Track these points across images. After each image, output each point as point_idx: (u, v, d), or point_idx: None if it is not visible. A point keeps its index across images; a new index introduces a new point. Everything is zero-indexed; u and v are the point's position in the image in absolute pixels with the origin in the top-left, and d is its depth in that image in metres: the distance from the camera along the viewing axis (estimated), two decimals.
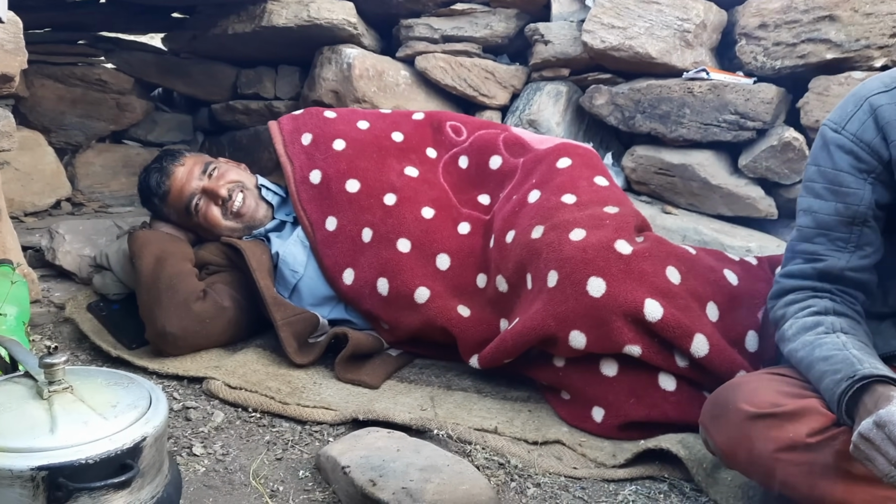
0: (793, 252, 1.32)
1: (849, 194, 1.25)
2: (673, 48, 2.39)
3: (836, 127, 1.27)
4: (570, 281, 1.52)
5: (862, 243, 1.26)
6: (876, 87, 1.26)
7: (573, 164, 1.86)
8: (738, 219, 2.44)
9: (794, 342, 1.22)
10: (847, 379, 1.08)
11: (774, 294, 1.33)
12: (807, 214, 1.29)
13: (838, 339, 1.17)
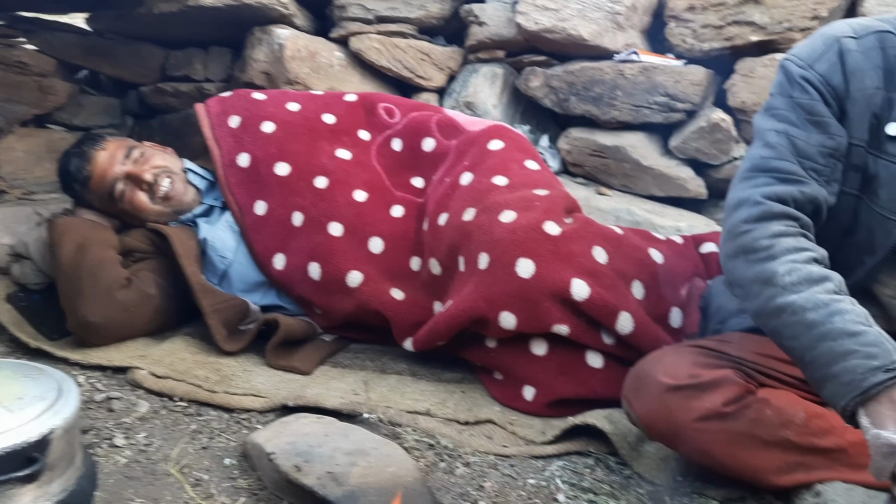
0: (763, 170, 1.18)
1: (829, 125, 1.19)
2: (605, 30, 2.41)
3: (805, 64, 1.21)
4: (500, 263, 1.53)
5: (832, 179, 1.21)
6: (846, 31, 1.22)
7: (505, 146, 1.87)
8: (670, 199, 2.49)
9: (798, 295, 1.06)
10: (886, 370, 0.97)
11: (756, 217, 1.14)
12: (782, 135, 1.19)
13: (858, 308, 1.04)
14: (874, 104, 1.18)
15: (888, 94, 1.18)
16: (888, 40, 1.19)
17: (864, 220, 1.22)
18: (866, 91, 1.18)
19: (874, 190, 1.20)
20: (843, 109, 1.20)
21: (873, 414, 0.98)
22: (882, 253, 1.22)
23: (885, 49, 1.19)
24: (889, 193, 1.19)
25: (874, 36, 1.20)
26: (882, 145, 1.19)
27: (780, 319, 1.08)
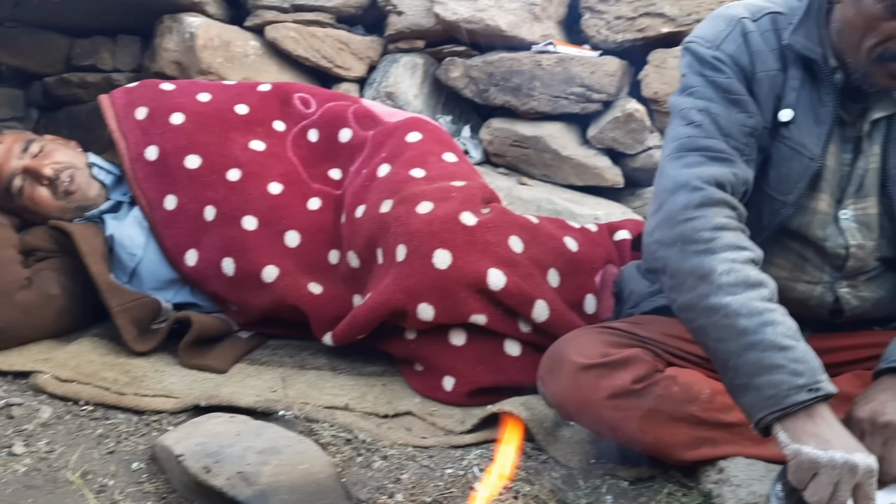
0: (692, 149, 1.16)
1: (748, 103, 1.19)
2: (522, 21, 2.43)
3: (712, 45, 1.21)
4: (417, 254, 1.53)
5: (752, 159, 1.20)
6: (743, 12, 1.23)
7: (423, 138, 1.86)
8: (588, 188, 2.53)
9: (733, 298, 1.04)
10: (809, 390, 0.98)
11: (697, 203, 1.11)
12: (703, 113, 1.17)
13: (790, 322, 1.04)
14: (776, 85, 1.20)
15: (784, 75, 1.21)
16: (780, 22, 1.21)
17: (753, 199, 1.23)
18: (770, 73, 1.20)
19: (765, 171, 1.23)
20: (751, 91, 1.20)
21: (791, 429, 0.98)
22: (767, 232, 1.25)
23: (778, 31, 1.21)
24: (778, 174, 1.22)
25: (768, 17, 1.22)
26: (776, 127, 1.22)
27: (711, 319, 1.06)
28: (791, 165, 1.21)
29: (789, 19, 1.21)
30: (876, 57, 1.08)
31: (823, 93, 1.19)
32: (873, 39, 1.07)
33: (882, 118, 1.20)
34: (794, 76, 1.20)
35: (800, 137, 1.20)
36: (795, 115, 1.20)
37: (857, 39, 1.10)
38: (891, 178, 1.20)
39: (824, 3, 1.19)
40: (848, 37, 1.12)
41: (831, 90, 1.18)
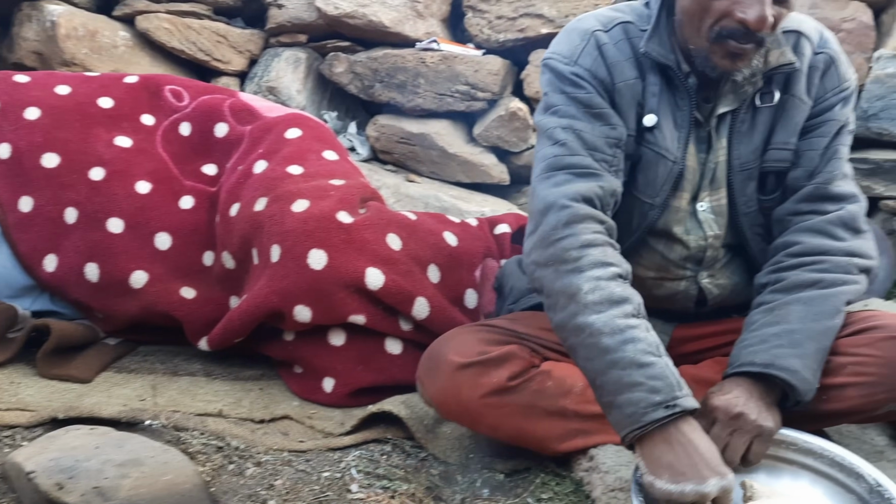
0: (559, 168, 1.18)
1: (610, 116, 1.20)
2: (406, 18, 2.42)
3: (569, 60, 1.22)
4: (292, 255, 1.49)
5: (619, 168, 1.21)
6: (595, 25, 1.24)
7: (303, 135, 1.81)
8: (475, 185, 2.56)
9: (598, 315, 1.06)
10: (665, 407, 1.00)
11: (565, 221, 1.13)
12: (568, 131, 1.19)
13: (650, 336, 1.06)
14: (637, 93, 1.23)
15: (644, 83, 1.24)
16: (631, 30, 1.24)
17: (625, 203, 1.27)
18: (629, 82, 1.22)
19: (633, 175, 1.27)
20: (612, 102, 1.22)
21: (648, 455, 1.01)
22: (637, 233, 1.30)
23: (631, 39, 1.23)
24: (646, 178, 1.26)
25: (620, 27, 1.24)
26: (642, 133, 1.26)
27: (579, 338, 1.08)
28: (657, 169, 1.25)
29: (639, 27, 1.24)
30: (714, 37, 1.12)
31: (679, 98, 1.24)
32: (709, 20, 1.12)
33: (727, 113, 1.26)
34: (654, 82, 1.24)
35: (663, 142, 1.25)
36: (658, 119, 1.24)
37: (696, 25, 1.14)
38: (734, 168, 1.27)
39: (670, 10, 1.23)
40: (688, 25, 1.16)
41: (686, 95, 1.23)
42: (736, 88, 1.23)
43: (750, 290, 1.33)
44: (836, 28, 2.28)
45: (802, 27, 1.26)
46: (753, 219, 1.29)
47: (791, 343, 1.14)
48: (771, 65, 1.20)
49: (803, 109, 1.25)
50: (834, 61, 1.26)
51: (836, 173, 1.24)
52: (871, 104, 2.26)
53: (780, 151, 1.25)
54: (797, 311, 1.17)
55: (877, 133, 2.26)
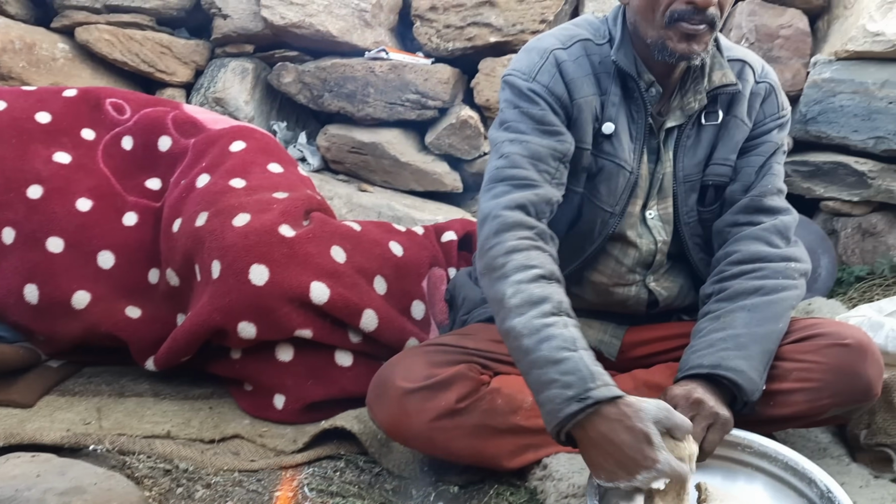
0: (499, 180, 1.21)
1: (557, 132, 1.25)
2: (353, 27, 2.41)
3: (527, 77, 1.26)
4: (233, 270, 1.46)
5: (561, 182, 1.26)
6: (555, 43, 1.29)
7: (248, 147, 1.78)
8: (428, 193, 2.56)
9: (519, 319, 1.09)
10: (580, 401, 1.01)
11: (494, 230, 1.17)
12: (515, 143, 1.23)
13: (567, 332, 1.07)
14: (594, 108, 1.28)
15: (600, 98, 1.29)
16: (590, 47, 1.29)
17: (586, 213, 1.33)
18: (586, 98, 1.27)
19: (595, 186, 1.32)
20: (570, 117, 1.27)
21: (584, 455, 1.05)
22: (598, 241, 1.35)
23: (590, 56, 1.29)
24: (607, 188, 1.31)
25: (579, 44, 1.29)
26: (601, 146, 1.30)
27: (509, 342, 1.12)
28: (618, 180, 1.31)
29: (596, 42, 1.29)
30: (667, 21, 1.17)
31: (635, 109, 1.30)
32: (661, 8, 1.17)
33: (674, 127, 1.32)
34: (615, 93, 1.29)
35: (622, 153, 1.30)
36: (616, 128, 1.29)
37: (650, 17, 1.19)
38: (678, 179, 1.34)
39: (626, 24, 1.29)
40: (643, 20, 1.21)
41: (642, 106, 1.29)
42: (683, 105, 1.30)
43: (694, 293, 1.39)
44: (775, 34, 2.35)
45: (747, 57, 1.36)
46: (693, 228, 1.37)
47: (736, 346, 1.18)
48: (715, 84, 1.29)
49: (744, 130, 1.34)
50: (774, 90, 1.37)
51: (771, 188, 1.33)
52: (809, 108, 2.32)
53: (720, 167, 1.34)
54: (742, 318, 1.22)
55: (815, 136, 2.33)
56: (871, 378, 1.19)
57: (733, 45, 1.38)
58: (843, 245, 2.35)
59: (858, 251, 2.34)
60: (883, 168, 2.26)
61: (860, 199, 2.30)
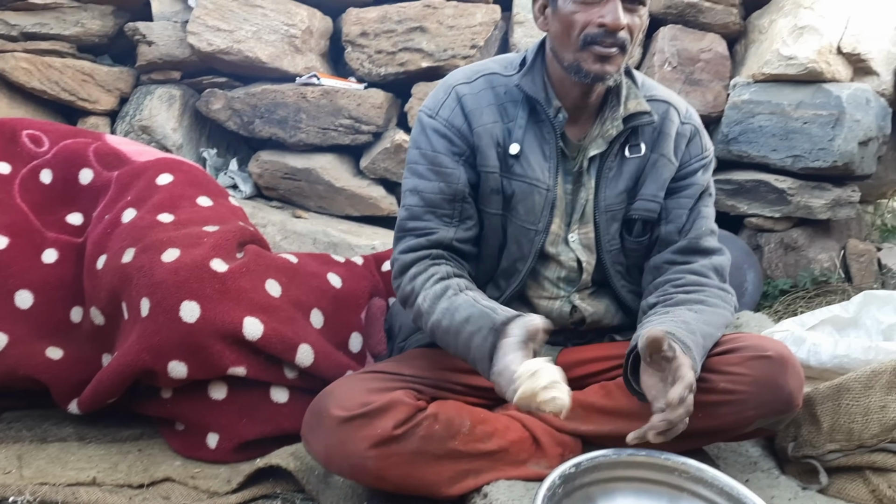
0: (404, 231, 1.36)
1: (449, 174, 1.34)
2: (283, 53, 2.39)
3: (431, 113, 1.36)
4: (162, 308, 1.41)
5: (464, 217, 1.36)
6: (460, 78, 1.39)
7: (175, 180, 1.73)
8: (365, 218, 2.55)
9: (434, 314, 1.25)
10: (490, 332, 1.16)
11: (398, 272, 1.34)
12: (414, 194, 1.35)
13: (468, 296, 1.24)
14: (496, 135, 1.35)
15: (505, 125, 1.36)
16: (495, 80, 1.38)
17: (511, 233, 1.39)
18: (486, 126, 1.35)
19: (514, 206, 1.37)
20: (472, 145, 1.35)
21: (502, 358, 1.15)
22: (531, 259, 1.39)
23: (495, 88, 1.37)
24: (525, 208, 1.37)
25: (483, 78, 1.38)
26: (511, 168, 1.36)
27: (437, 338, 1.27)
28: (534, 199, 1.36)
29: (504, 74, 1.37)
30: (582, 44, 1.25)
31: (546, 131, 1.36)
32: (576, 31, 1.25)
33: (596, 155, 1.37)
34: (521, 116, 1.36)
35: (532, 173, 1.35)
36: (523, 149, 1.35)
37: (566, 40, 1.27)
38: (599, 208, 1.38)
39: (541, 57, 1.37)
40: (560, 44, 1.29)
41: (552, 129, 1.35)
42: (603, 132, 1.36)
43: (622, 314, 1.46)
44: (696, 58, 2.44)
45: (671, 99, 1.43)
46: (615, 257, 1.42)
47: (687, 329, 1.23)
48: (630, 110, 1.35)
49: (671, 168, 1.40)
50: (698, 132, 1.44)
51: (705, 230, 1.41)
52: (730, 129, 2.41)
53: (648, 202, 1.40)
54: (688, 314, 1.28)
55: (737, 155, 2.42)
56: (792, 389, 1.24)
57: (658, 86, 1.45)
58: (768, 259, 2.44)
59: (782, 265, 2.43)
60: (801, 185, 2.37)
61: (781, 215, 2.39)
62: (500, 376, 1.12)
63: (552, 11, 1.29)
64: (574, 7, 1.24)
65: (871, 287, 2.34)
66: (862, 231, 2.63)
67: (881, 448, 1.28)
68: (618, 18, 1.22)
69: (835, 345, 1.49)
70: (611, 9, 1.22)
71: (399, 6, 2.41)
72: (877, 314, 1.68)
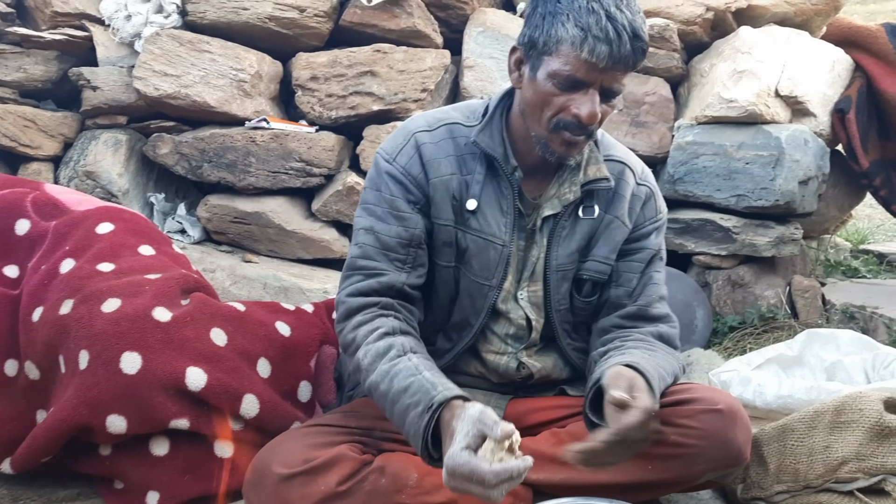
0: (353, 269, 1.31)
1: (406, 219, 1.30)
2: (232, 97, 2.38)
3: (389, 158, 1.32)
4: (102, 360, 1.37)
5: (416, 264, 1.32)
6: (421, 125, 1.35)
7: (116, 229, 1.69)
8: (318, 261, 2.52)
9: (373, 374, 1.19)
10: (427, 410, 1.09)
11: (342, 316, 1.29)
12: (369, 234, 1.30)
13: (410, 363, 1.18)
14: (452, 188, 1.32)
15: (462, 177, 1.33)
16: (457, 130, 1.34)
17: (464, 287, 1.36)
18: (443, 177, 1.32)
19: (468, 261, 1.35)
20: (427, 195, 1.32)
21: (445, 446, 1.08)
22: (483, 314, 1.36)
23: (456, 138, 1.34)
24: (480, 263, 1.35)
25: (445, 127, 1.34)
26: (467, 222, 1.33)
27: (374, 398, 1.21)
28: (489, 254, 1.34)
29: (466, 125, 1.34)
30: (552, 127, 1.23)
31: (504, 186, 1.33)
32: (549, 112, 1.22)
33: (550, 216, 1.36)
34: (479, 171, 1.33)
35: (488, 228, 1.33)
36: (480, 205, 1.33)
37: (538, 115, 1.24)
38: (551, 267, 1.37)
39: (504, 110, 1.35)
40: (531, 115, 1.26)
41: (510, 185, 1.33)
42: (560, 195, 1.34)
43: (570, 368, 1.44)
44: (641, 101, 2.50)
45: (628, 160, 1.42)
46: (564, 316, 1.41)
47: (645, 362, 1.22)
48: (589, 177, 1.34)
49: (623, 231, 1.39)
50: (653, 194, 1.43)
51: (654, 296, 1.39)
52: (676, 169, 2.47)
53: (599, 264, 1.38)
54: (644, 353, 1.27)
55: (683, 195, 2.47)
56: (741, 444, 1.24)
57: (616, 144, 1.43)
58: (716, 297, 2.48)
59: (730, 302, 2.47)
60: (746, 223, 2.42)
61: (728, 252, 2.44)
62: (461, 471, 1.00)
63: (530, 76, 1.24)
64: (552, 88, 1.20)
65: (816, 322, 2.40)
66: (806, 267, 2.70)
67: (826, 489, 1.29)
68: (594, 113, 1.19)
69: (779, 385, 1.51)
70: (588, 101, 1.19)
71: (349, 51, 2.43)
72: (820, 352, 1.72)
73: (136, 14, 2.31)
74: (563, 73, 1.17)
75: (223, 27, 2.39)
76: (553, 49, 1.18)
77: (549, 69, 1.19)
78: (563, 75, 1.18)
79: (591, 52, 1.14)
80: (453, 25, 2.58)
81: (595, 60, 1.15)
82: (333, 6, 2.45)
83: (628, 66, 1.18)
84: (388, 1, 2.39)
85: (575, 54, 1.16)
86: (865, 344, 1.71)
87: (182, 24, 2.41)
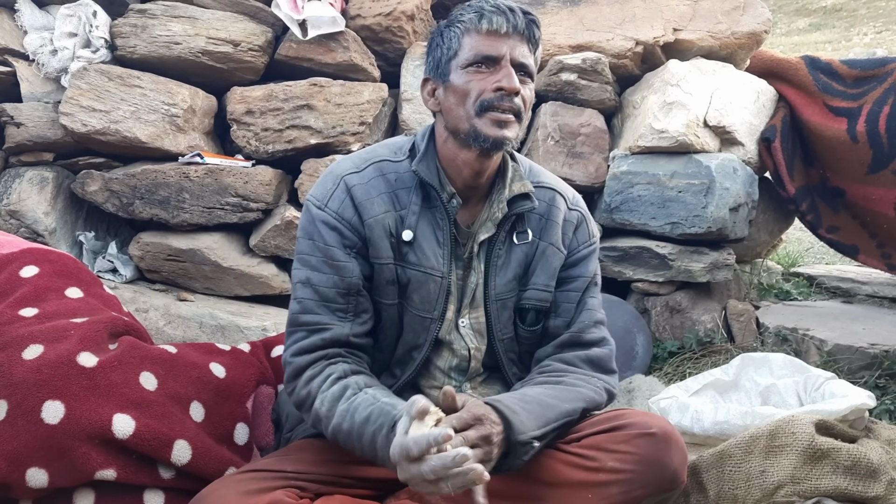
0: (296, 325, 1.29)
1: (342, 267, 1.29)
2: (164, 132, 2.32)
3: (320, 204, 1.31)
4: (22, 410, 1.30)
5: (359, 311, 1.30)
6: (348, 168, 1.34)
7: (41, 272, 1.62)
8: (256, 298, 2.46)
9: (335, 417, 1.19)
10: (391, 429, 1.11)
11: (291, 376, 1.28)
12: (306, 287, 1.29)
13: (367, 395, 1.19)
14: (388, 226, 1.31)
15: (397, 213, 1.32)
16: (386, 167, 1.34)
17: (407, 322, 1.35)
18: (377, 216, 1.31)
19: (409, 295, 1.34)
20: (363, 238, 1.31)
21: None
22: (426, 347, 1.35)
23: (385, 175, 1.33)
24: (420, 297, 1.33)
25: (373, 166, 1.34)
26: (405, 256, 1.32)
27: (340, 441, 1.22)
28: (429, 287, 1.33)
29: (394, 160, 1.35)
30: (478, 110, 1.26)
31: (440, 217, 1.33)
32: (472, 98, 1.26)
33: (485, 240, 1.36)
34: (415, 202, 1.33)
35: (427, 262, 1.32)
36: (416, 236, 1.32)
37: (462, 109, 1.27)
38: (490, 296, 1.37)
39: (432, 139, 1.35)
40: (455, 114, 1.28)
41: (446, 214, 1.33)
42: (491, 215, 1.35)
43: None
44: (576, 132, 2.55)
45: (558, 187, 1.44)
46: (508, 345, 1.40)
47: (521, 399, 1.23)
48: (514, 192, 1.35)
49: (560, 257, 1.40)
50: (585, 218, 1.46)
51: (588, 323, 1.40)
52: (612, 198, 2.51)
53: (540, 292, 1.39)
54: (535, 389, 1.29)
55: (620, 223, 2.52)
56: (676, 467, 1.24)
57: (544, 172, 1.46)
58: (655, 323, 2.52)
59: (669, 327, 2.52)
60: (681, 250, 2.48)
61: (664, 279, 2.49)
62: (396, 453, 1.06)
63: (444, 89, 1.29)
64: (468, 77, 1.26)
65: (751, 345, 2.46)
66: (741, 291, 2.77)
67: None
68: (513, 82, 1.24)
69: (715, 411, 1.53)
70: (506, 73, 1.25)
71: (285, 85, 2.41)
72: (754, 376, 1.75)
73: (63, 49, 2.25)
74: (473, 54, 1.26)
75: (154, 62, 2.35)
76: (457, 47, 1.28)
77: (459, 63, 1.27)
78: (473, 56, 1.26)
79: (489, 22, 1.25)
80: (391, 59, 2.59)
81: (496, 28, 1.25)
82: (269, 40, 2.43)
83: (524, 36, 1.27)
84: (323, 35, 2.39)
85: (477, 32, 1.26)
86: (797, 367, 1.75)
87: (111, 58, 2.35)
